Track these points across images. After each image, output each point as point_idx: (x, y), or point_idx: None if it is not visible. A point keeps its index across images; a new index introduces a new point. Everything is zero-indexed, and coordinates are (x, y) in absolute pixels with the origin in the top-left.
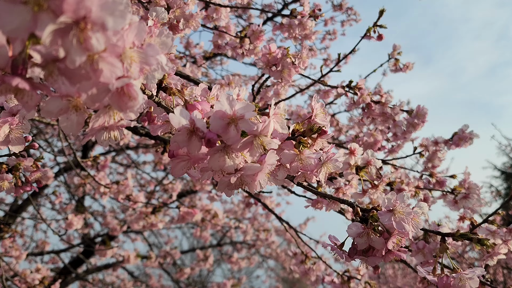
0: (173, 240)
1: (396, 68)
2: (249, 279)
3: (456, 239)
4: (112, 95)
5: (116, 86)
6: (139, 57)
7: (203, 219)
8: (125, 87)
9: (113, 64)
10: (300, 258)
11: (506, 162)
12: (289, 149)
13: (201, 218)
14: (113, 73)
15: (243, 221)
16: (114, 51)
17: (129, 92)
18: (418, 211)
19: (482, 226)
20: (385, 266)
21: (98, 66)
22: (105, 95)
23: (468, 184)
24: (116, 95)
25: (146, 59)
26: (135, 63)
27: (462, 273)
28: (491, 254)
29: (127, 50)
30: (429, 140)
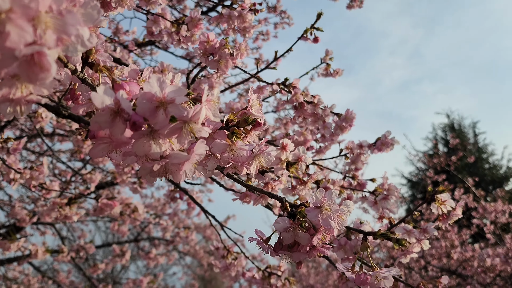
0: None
1: (327, 72)
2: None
3: (377, 237)
4: (21, 63)
5: (24, 53)
6: (56, 25)
7: (122, 213)
8: (36, 55)
9: (23, 27)
10: (221, 253)
11: (413, 171)
12: (221, 139)
13: (120, 212)
14: (22, 38)
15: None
16: (25, 12)
17: (41, 62)
18: (344, 209)
19: (399, 225)
20: None
21: (4, 28)
22: (11, 62)
23: (388, 186)
24: (25, 64)
25: (65, 28)
26: (50, 30)
27: (378, 271)
28: (405, 252)
29: (42, 14)
30: (354, 143)
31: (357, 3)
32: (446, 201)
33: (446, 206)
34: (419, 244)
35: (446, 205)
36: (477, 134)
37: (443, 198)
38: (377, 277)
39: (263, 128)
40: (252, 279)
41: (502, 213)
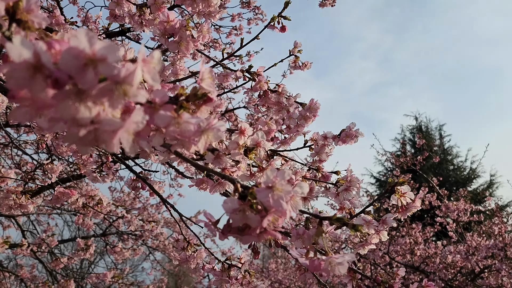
0: (53, 228)
1: (295, 65)
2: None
3: (333, 222)
4: None
5: None
6: None
7: (84, 205)
8: None
9: None
10: (182, 244)
11: (381, 171)
12: (167, 111)
13: (82, 204)
14: None
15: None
16: None
17: None
18: (298, 190)
19: (359, 216)
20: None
21: None
22: None
23: (350, 178)
24: None
25: None
26: None
27: (332, 257)
28: (363, 244)
29: None
30: (319, 134)
31: (330, 1)
32: (406, 193)
33: (405, 198)
34: (377, 235)
35: (406, 197)
36: (443, 137)
37: (403, 190)
38: (330, 263)
39: (215, 103)
40: (212, 271)
41: (464, 212)
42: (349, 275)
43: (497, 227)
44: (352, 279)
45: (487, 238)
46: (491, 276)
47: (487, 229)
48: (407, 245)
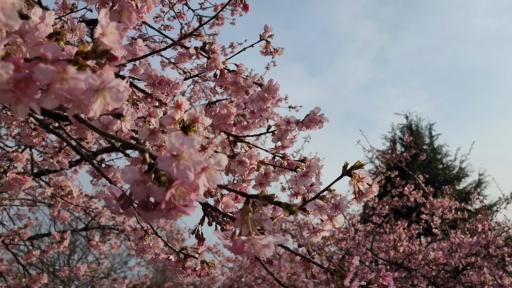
0: (33, 223)
1: (266, 50)
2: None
3: (261, 199)
4: None
5: None
6: None
7: (53, 195)
8: None
9: None
10: (139, 234)
11: (371, 170)
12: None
13: (52, 194)
14: None
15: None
16: None
17: None
18: (212, 162)
19: (312, 201)
20: None
21: None
22: None
23: (309, 163)
24: None
25: None
26: None
27: (254, 238)
28: (316, 230)
29: None
30: (282, 119)
31: None
32: (364, 178)
33: (363, 183)
34: (331, 221)
35: (364, 182)
36: (433, 136)
37: (361, 175)
38: (253, 244)
39: (121, 61)
40: (166, 261)
41: (448, 209)
42: (303, 264)
43: (480, 224)
44: (306, 269)
45: (471, 235)
46: (473, 273)
47: (471, 227)
48: (390, 242)
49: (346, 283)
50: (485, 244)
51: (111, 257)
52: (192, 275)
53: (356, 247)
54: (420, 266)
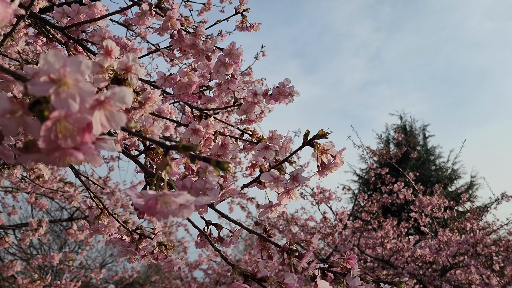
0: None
1: (242, 25)
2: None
3: (180, 150)
4: None
5: None
6: None
7: (23, 177)
8: None
9: None
10: (95, 212)
11: (364, 169)
12: None
13: (22, 177)
14: None
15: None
16: None
17: None
18: (108, 94)
19: (267, 172)
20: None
21: None
22: None
23: (272, 135)
24: None
25: None
26: None
27: (167, 193)
28: (271, 205)
29: None
30: (249, 91)
31: None
32: (329, 150)
33: (327, 155)
34: (287, 194)
35: (328, 154)
36: (426, 137)
37: (325, 146)
38: (166, 202)
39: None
40: (119, 242)
41: (437, 207)
42: (259, 244)
43: (469, 223)
44: (263, 249)
45: (459, 234)
46: (461, 272)
47: (460, 225)
48: (378, 239)
49: (303, 264)
50: (473, 243)
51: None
52: (147, 257)
53: (343, 242)
54: (406, 263)
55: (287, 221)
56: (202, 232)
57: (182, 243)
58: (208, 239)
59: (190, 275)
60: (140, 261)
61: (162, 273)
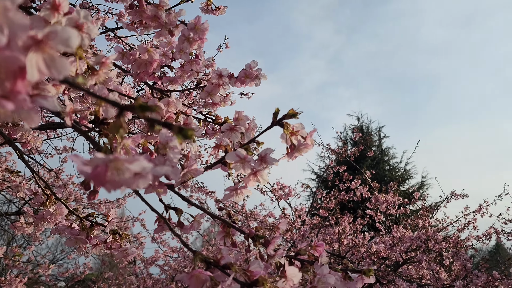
0: None
1: (207, 8)
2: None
3: (136, 110)
4: None
5: None
6: None
7: None
8: None
9: None
10: (40, 199)
11: (323, 167)
12: None
13: None
14: None
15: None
16: None
17: None
18: (48, 32)
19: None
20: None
21: None
22: None
23: (238, 115)
24: None
25: None
26: None
27: (120, 159)
28: (236, 187)
29: None
30: (214, 71)
31: None
32: (299, 131)
33: (297, 136)
34: (255, 176)
35: (298, 135)
36: (381, 138)
37: (295, 128)
38: (118, 168)
39: None
40: (67, 229)
41: (392, 204)
42: (222, 231)
43: (421, 220)
44: (226, 235)
45: (412, 230)
46: (412, 267)
47: (412, 222)
48: (335, 235)
49: (269, 251)
50: (425, 239)
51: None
52: (100, 247)
53: (301, 238)
54: (362, 258)
55: (246, 216)
56: (160, 216)
57: (138, 239)
58: (167, 223)
59: (145, 271)
60: (92, 250)
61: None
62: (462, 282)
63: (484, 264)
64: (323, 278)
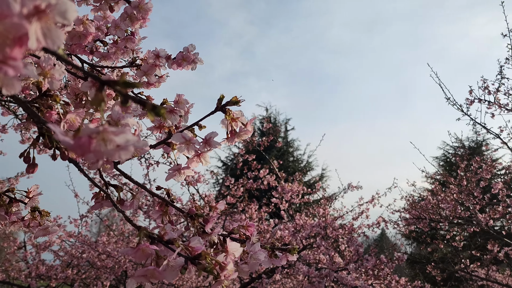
0: None
1: None
2: None
3: (119, 86)
4: None
5: None
6: None
7: None
8: None
9: None
10: None
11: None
12: None
13: None
14: None
15: None
16: None
17: None
18: (50, 3)
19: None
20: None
21: None
22: None
23: (178, 98)
24: None
25: None
26: None
27: (108, 129)
28: (179, 167)
29: None
30: (150, 51)
31: None
32: (240, 118)
33: (237, 122)
34: (198, 158)
35: (238, 121)
36: (288, 130)
37: (235, 114)
38: (104, 139)
39: None
40: None
41: (296, 194)
42: (159, 210)
43: (322, 209)
44: (164, 214)
45: (313, 218)
46: (311, 253)
47: (313, 211)
48: (242, 221)
49: (208, 229)
50: (324, 226)
51: None
52: (18, 224)
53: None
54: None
55: (154, 202)
56: (102, 189)
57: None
58: (111, 199)
59: (37, 257)
60: (9, 227)
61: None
62: (354, 265)
63: (374, 249)
64: (255, 255)
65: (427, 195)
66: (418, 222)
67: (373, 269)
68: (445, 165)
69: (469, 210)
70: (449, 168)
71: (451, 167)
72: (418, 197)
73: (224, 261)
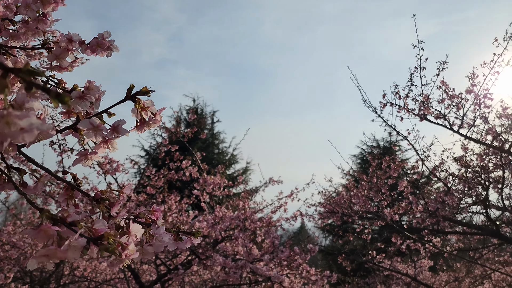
0: None
1: None
2: None
3: (24, 74)
4: None
5: None
6: None
7: None
8: None
9: None
10: None
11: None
12: None
13: None
14: None
15: None
16: None
17: None
18: None
19: (87, 119)
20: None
21: None
22: None
23: (88, 84)
24: None
25: None
26: None
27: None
28: (87, 152)
29: None
30: (63, 35)
31: None
32: (150, 107)
33: (147, 112)
34: (105, 145)
35: (148, 111)
36: (214, 122)
37: (145, 104)
38: (8, 122)
39: None
40: None
41: (218, 186)
42: (65, 193)
43: (242, 202)
44: (69, 198)
45: (232, 211)
46: (229, 244)
47: (234, 203)
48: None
49: (113, 213)
50: (243, 219)
51: None
52: None
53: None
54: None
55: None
56: (5, 174)
57: None
58: (13, 181)
59: None
60: None
61: None
62: (269, 256)
63: (289, 241)
64: (160, 237)
65: (341, 191)
66: (331, 216)
67: (287, 260)
68: (361, 162)
69: (377, 206)
70: (364, 166)
71: (366, 165)
72: (334, 192)
73: (126, 242)
